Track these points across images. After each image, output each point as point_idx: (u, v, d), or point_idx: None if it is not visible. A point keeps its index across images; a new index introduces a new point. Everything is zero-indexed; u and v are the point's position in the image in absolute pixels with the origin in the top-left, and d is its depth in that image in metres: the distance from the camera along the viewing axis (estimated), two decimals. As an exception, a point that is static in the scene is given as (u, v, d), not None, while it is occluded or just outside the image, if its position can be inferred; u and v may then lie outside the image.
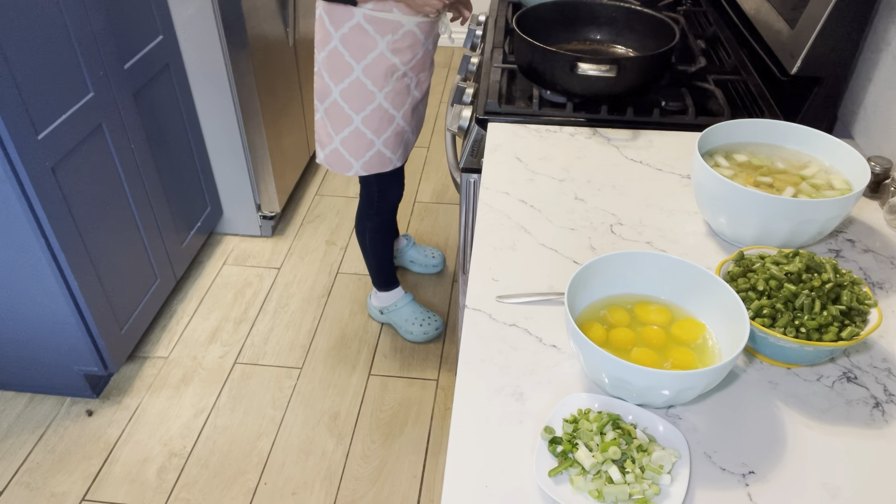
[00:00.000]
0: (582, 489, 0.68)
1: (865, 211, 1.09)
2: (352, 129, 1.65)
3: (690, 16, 1.75)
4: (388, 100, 1.62)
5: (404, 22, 1.51)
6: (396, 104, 1.65)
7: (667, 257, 0.84)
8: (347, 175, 1.76)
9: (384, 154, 1.72)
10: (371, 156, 1.71)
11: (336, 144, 1.70)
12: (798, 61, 1.21)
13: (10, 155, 1.48)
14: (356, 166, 1.72)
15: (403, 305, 2.17)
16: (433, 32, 1.62)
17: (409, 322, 2.16)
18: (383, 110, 1.63)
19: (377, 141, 1.68)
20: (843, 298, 0.80)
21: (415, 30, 1.54)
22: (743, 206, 0.93)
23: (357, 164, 1.72)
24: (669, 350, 0.80)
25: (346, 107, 1.62)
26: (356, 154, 1.70)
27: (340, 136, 1.67)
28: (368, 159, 1.71)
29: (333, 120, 1.66)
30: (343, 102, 1.62)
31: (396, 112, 1.66)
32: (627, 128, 1.29)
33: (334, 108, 1.64)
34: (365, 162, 1.72)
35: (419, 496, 1.74)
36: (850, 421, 0.77)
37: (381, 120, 1.65)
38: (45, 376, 1.92)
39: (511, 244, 1.02)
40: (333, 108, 1.64)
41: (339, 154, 1.71)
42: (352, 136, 1.67)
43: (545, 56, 1.29)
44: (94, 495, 1.73)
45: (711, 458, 0.73)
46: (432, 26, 1.59)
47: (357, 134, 1.66)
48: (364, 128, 1.65)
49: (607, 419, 0.73)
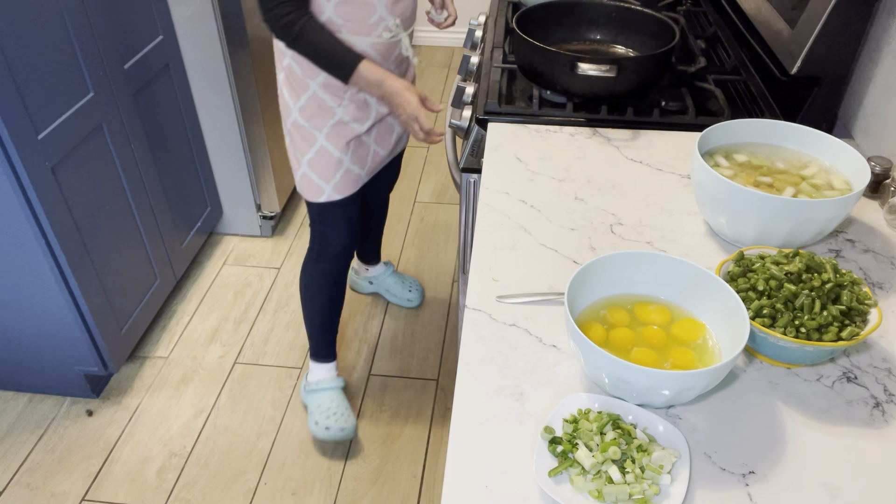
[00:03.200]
0: (582, 489, 0.68)
1: (865, 211, 1.09)
2: (316, 148, 1.52)
3: (690, 16, 1.75)
4: (349, 114, 1.49)
5: (355, 42, 1.37)
6: (359, 118, 1.50)
7: (667, 257, 0.84)
8: (321, 201, 1.58)
9: (353, 171, 1.57)
10: (341, 176, 1.55)
11: (304, 168, 1.56)
12: (798, 61, 1.21)
13: (10, 155, 1.48)
14: (328, 189, 1.56)
15: (328, 389, 1.87)
16: (393, 53, 1.45)
17: (321, 410, 1.83)
18: (344, 124, 1.50)
19: (345, 158, 1.54)
20: (843, 298, 0.80)
21: (369, 51, 1.40)
22: (743, 206, 0.93)
23: (328, 186, 1.56)
24: (669, 350, 0.80)
25: (308, 125, 1.50)
26: (325, 175, 1.55)
27: (307, 157, 1.54)
28: (339, 180, 1.56)
29: (298, 141, 1.54)
30: (304, 121, 1.50)
31: (359, 126, 1.52)
32: (627, 128, 1.29)
33: (296, 128, 1.52)
34: (336, 183, 1.56)
35: (419, 496, 1.74)
36: (850, 421, 0.77)
37: (341, 136, 1.51)
38: (45, 376, 1.92)
39: (511, 244, 1.02)
40: (296, 128, 1.52)
41: (309, 178, 1.56)
42: (317, 157, 1.53)
43: (545, 56, 1.29)
44: (94, 495, 1.73)
45: (711, 458, 0.73)
46: (390, 47, 1.43)
47: (322, 153, 1.53)
48: (329, 145, 1.52)
49: (607, 419, 0.73)
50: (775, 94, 1.34)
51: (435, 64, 3.83)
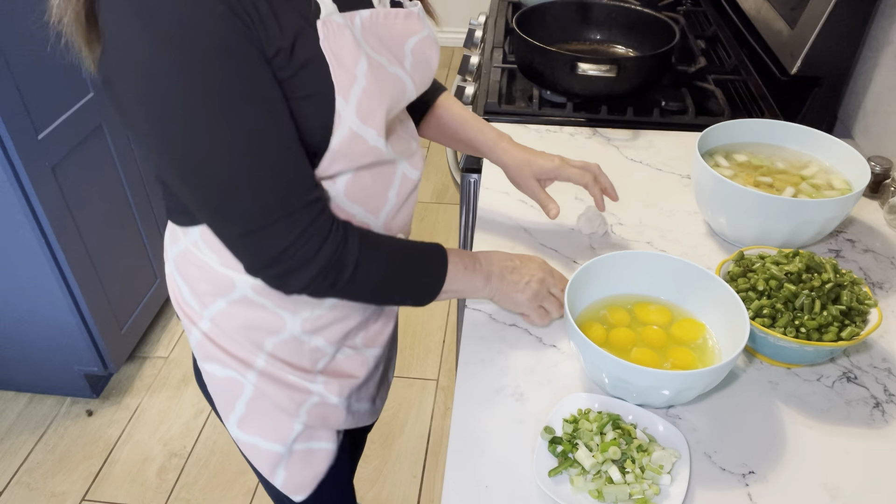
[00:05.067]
0: (582, 489, 0.68)
1: (865, 211, 1.09)
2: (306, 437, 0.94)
3: (690, 16, 1.75)
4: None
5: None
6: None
7: (667, 257, 0.84)
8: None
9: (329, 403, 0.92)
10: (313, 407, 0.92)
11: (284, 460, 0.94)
12: (798, 61, 1.21)
13: (10, 155, 1.48)
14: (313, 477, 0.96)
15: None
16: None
17: None
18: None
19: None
20: (843, 298, 0.80)
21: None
22: (743, 206, 0.93)
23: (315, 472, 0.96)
24: (669, 350, 0.80)
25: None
26: (315, 464, 0.96)
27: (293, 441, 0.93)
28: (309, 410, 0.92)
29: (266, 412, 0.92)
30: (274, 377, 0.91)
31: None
32: (627, 128, 1.29)
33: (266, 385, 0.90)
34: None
35: (419, 496, 1.74)
36: (850, 421, 0.77)
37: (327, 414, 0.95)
38: (45, 376, 1.92)
39: (511, 244, 1.01)
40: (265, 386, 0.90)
41: (293, 469, 0.95)
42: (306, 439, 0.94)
43: (545, 56, 1.29)
44: (94, 495, 1.73)
45: (711, 458, 0.73)
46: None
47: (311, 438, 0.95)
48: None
49: (607, 419, 0.73)
50: (775, 94, 1.34)
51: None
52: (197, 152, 0.64)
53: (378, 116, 0.73)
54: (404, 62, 0.78)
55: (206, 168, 0.65)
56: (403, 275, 0.80)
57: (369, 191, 0.81)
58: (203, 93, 0.62)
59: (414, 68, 0.79)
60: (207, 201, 0.68)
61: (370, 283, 0.77)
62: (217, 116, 0.63)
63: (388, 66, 0.75)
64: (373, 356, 0.96)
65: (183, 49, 0.60)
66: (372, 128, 0.73)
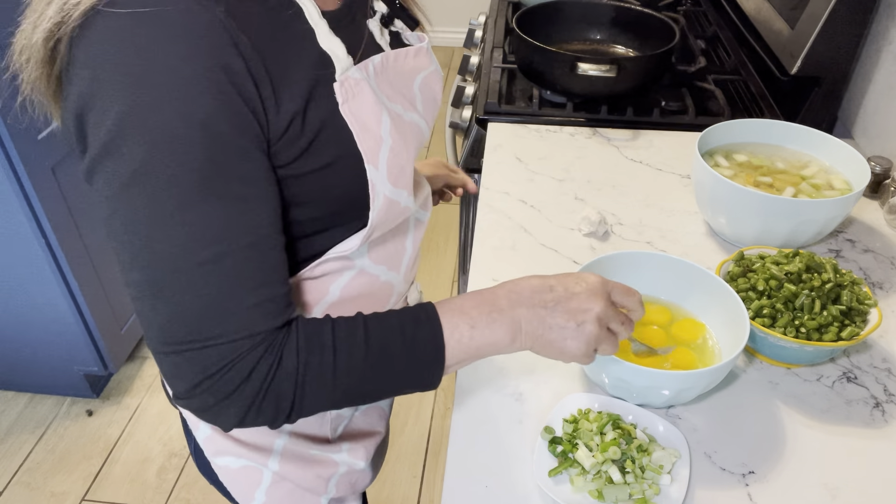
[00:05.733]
0: (582, 489, 0.68)
1: (865, 211, 1.09)
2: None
3: (690, 16, 1.75)
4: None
5: None
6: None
7: (667, 257, 0.84)
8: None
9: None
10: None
11: None
12: (798, 61, 1.21)
13: (10, 155, 1.48)
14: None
15: None
16: None
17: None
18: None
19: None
20: (843, 298, 0.80)
21: None
22: (743, 206, 0.93)
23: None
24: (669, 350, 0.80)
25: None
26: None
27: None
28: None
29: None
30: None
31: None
32: (627, 128, 1.29)
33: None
34: None
35: (419, 496, 1.74)
36: (850, 421, 0.77)
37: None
38: (45, 376, 1.92)
39: (511, 244, 1.01)
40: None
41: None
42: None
43: (545, 56, 1.29)
44: (94, 495, 1.73)
45: (711, 458, 0.73)
46: None
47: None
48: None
49: (607, 419, 0.73)
50: (775, 94, 1.34)
51: (435, 64, 3.83)
52: (144, 233, 0.53)
53: (407, 175, 0.67)
54: (416, 103, 0.72)
55: (144, 256, 0.54)
56: (381, 377, 0.62)
57: (391, 249, 0.75)
58: (169, 178, 0.51)
59: (425, 107, 0.74)
60: (144, 294, 0.55)
61: (329, 399, 0.61)
62: (183, 205, 0.52)
63: (404, 115, 0.69)
64: (387, 405, 0.92)
65: (159, 128, 0.50)
66: (403, 189, 0.66)
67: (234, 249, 0.54)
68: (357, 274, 0.71)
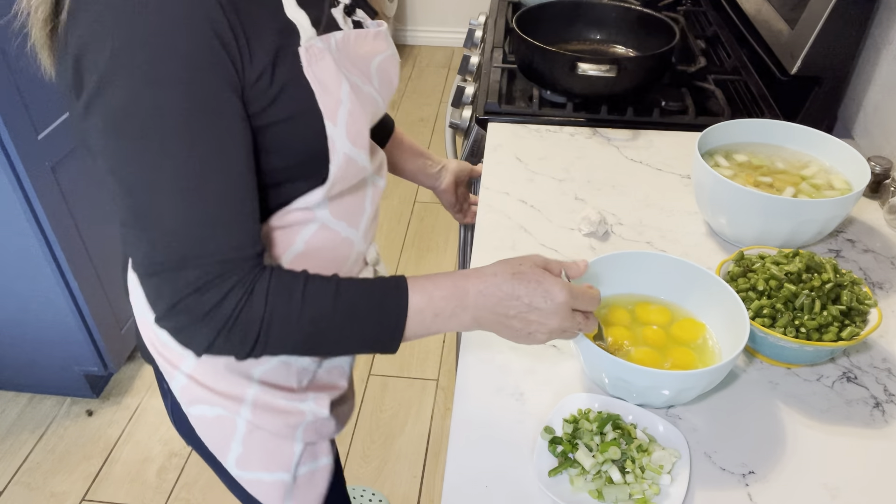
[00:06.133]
0: (582, 489, 0.68)
1: (865, 211, 1.09)
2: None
3: (690, 16, 1.75)
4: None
5: None
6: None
7: (667, 257, 0.84)
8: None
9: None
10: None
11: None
12: (798, 61, 1.21)
13: (10, 155, 1.48)
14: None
15: None
16: None
17: None
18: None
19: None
20: (843, 298, 0.80)
21: None
22: (743, 206, 0.93)
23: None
24: (669, 350, 0.80)
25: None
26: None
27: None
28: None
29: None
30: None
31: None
32: (627, 128, 1.29)
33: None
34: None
35: (419, 496, 1.74)
36: (850, 421, 0.77)
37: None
38: (45, 376, 1.92)
39: (511, 244, 1.01)
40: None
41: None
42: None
43: (545, 56, 1.29)
44: (94, 495, 1.73)
45: (711, 458, 0.73)
46: None
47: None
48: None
49: (607, 419, 0.73)
50: (775, 94, 1.34)
51: (435, 64, 3.83)
52: (141, 162, 0.60)
53: (364, 137, 0.73)
54: (373, 80, 0.78)
55: (145, 178, 0.61)
56: (343, 335, 0.68)
57: (351, 207, 0.81)
58: (156, 110, 0.58)
59: (381, 85, 0.80)
60: (129, 219, 0.63)
61: (292, 342, 0.67)
62: (171, 138, 0.59)
63: (362, 87, 0.75)
64: (347, 364, 0.97)
65: (148, 63, 0.57)
66: (361, 149, 0.73)
67: (213, 180, 0.61)
68: (319, 228, 0.77)
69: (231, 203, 0.63)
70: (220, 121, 0.61)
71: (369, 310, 0.68)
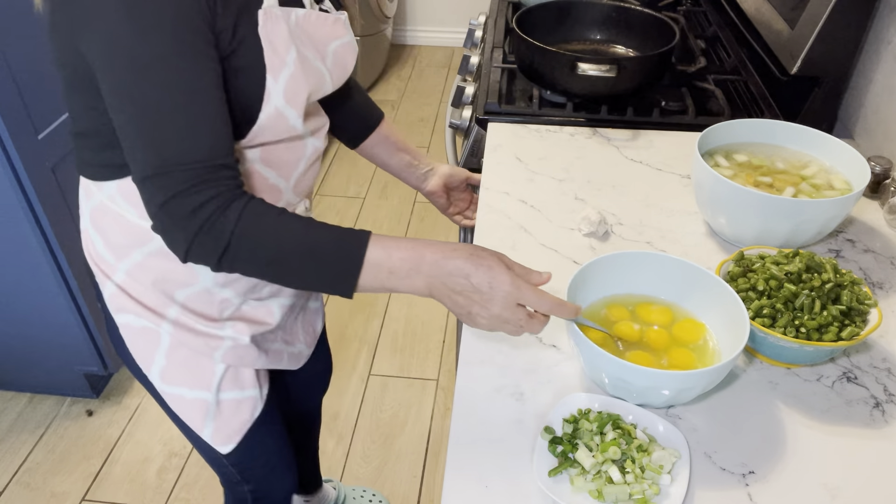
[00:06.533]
0: (582, 489, 0.68)
1: (865, 211, 1.09)
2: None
3: (690, 16, 1.75)
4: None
5: None
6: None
7: (667, 257, 0.84)
8: (231, 448, 1.02)
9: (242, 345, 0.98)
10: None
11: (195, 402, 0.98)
12: (798, 61, 1.21)
13: (10, 155, 1.48)
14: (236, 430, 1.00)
15: None
16: None
17: None
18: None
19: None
20: (843, 298, 0.80)
21: None
22: (743, 206, 0.93)
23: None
24: (669, 350, 0.80)
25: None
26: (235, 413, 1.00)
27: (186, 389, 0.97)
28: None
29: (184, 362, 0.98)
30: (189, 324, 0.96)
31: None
32: (627, 128, 1.29)
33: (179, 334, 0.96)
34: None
35: (419, 496, 1.74)
36: (850, 421, 0.77)
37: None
38: (45, 376, 1.92)
39: (511, 244, 1.02)
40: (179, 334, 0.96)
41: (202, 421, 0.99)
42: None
43: (545, 56, 1.29)
44: (94, 495, 1.73)
45: (711, 458, 0.73)
46: None
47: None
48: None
49: (607, 419, 0.73)
50: (775, 94, 1.34)
51: (435, 64, 3.83)
52: (136, 82, 0.69)
53: (300, 99, 0.81)
54: (326, 60, 0.87)
55: (140, 95, 0.69)
56: (301, 265, 0.73)
57: (283, 158, 0.88)
58: (156, 44, 0.68)
59: (333, 67, 0.88)
60: (129, 132, 0.71)
61: (257, 261, 0.73)
62: (162, 64, 0.68)
63: (312, 60, 0.83)
64: (279, 305, 1.01)
65: (145, 15, 0.67)
66: (294, 108, 0.81)
67: (197, 102, 0.70)
68: (249, 168, 0.85)
69: (210, 119, 0.71)
70: (202, 48, 0.71)
71: (329, 251, 0.73)
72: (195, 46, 0.70)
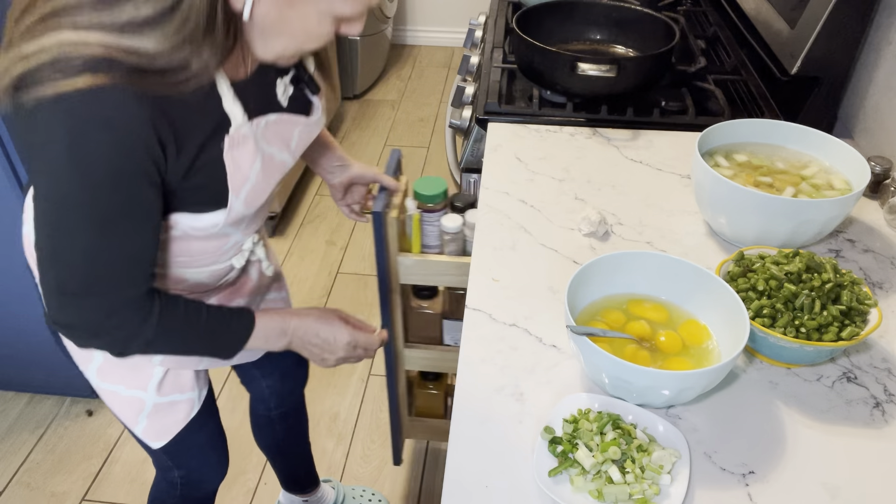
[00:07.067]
0: (582, 489, 0.68)
1: (865, 211, 1.09)
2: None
3: (690, 16, 1.75)
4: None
5: (185, 274, 0.95)
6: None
7: (667, 257, 0.84)
8: (167, 442, 1.08)
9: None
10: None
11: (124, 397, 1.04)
12: (798, 61, 1.21)
13: (10, 155, 1.48)
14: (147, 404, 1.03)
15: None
16: (232, 272, 1.03)
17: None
18: None
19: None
20: (843, 298, 0.80)
21: (204, 279, 0.98)
22: (743, 206, 0.93)
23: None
24: (679, 354, 0.80)
25: None
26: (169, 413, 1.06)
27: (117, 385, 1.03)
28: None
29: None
30: None
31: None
32: (627, 128, 1.29)
33: None
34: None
35: (419, 496, 1.74)
36: (850, 421, 0.77)
37: None
38: (45, 376, 1.92)
39: (511, 244, 1.02)
40: None
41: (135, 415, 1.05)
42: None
43: (545, 56, 1.29)
44: (94, 495, 1.73)
45: (711, 458, 0.73)
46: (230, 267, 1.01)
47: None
48: None
49: (607, 419, 0.73)
50: (775, 94, 1.34)
51: (435, 64, 3.83)
52: (55, 221, 0.72)
53: (260, 200, 0.87)
54: (291, 144, 0.91)
55: (55, 225, 0.73)
56: (204, 349, 0.90)
57: (202, 249, 0.92)
58: (91, 200, 0.70)
59: (297, 147, 0.93)
60: (43, 246, 0.76)
61: (163, 352, 0.86)
62: (88, 214, 0.71)
63: (276, 155, 0.88)
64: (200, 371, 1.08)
65: (90, 173, 0.69)
66: (252, 208, 0.87)
67: (124, 245, 0.75)
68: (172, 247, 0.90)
69: (133, 258, 0.77)
70: (134, 207, 0.74)
71: (222, 335, 0.89)
72: (130, 201, 0.73)
